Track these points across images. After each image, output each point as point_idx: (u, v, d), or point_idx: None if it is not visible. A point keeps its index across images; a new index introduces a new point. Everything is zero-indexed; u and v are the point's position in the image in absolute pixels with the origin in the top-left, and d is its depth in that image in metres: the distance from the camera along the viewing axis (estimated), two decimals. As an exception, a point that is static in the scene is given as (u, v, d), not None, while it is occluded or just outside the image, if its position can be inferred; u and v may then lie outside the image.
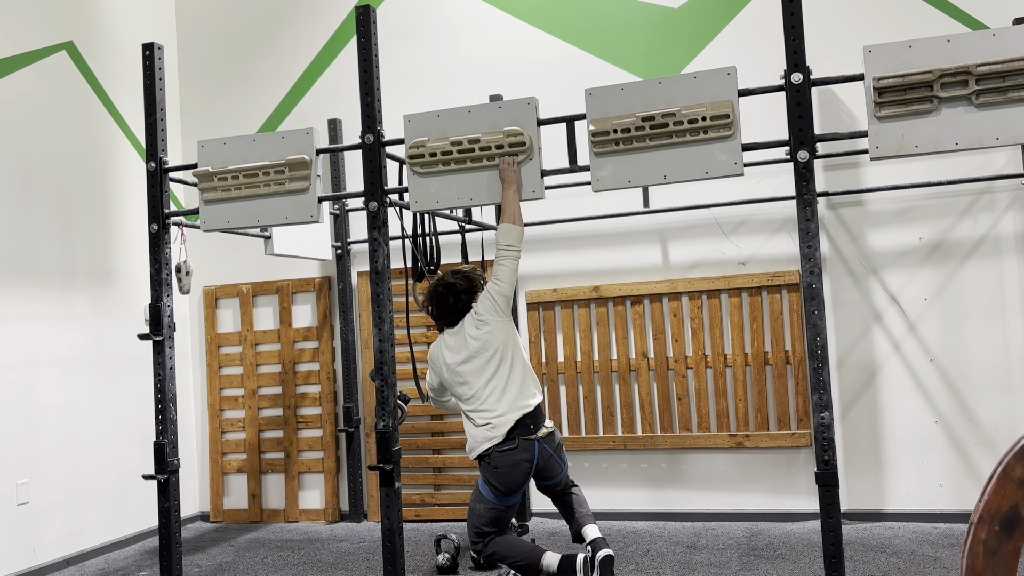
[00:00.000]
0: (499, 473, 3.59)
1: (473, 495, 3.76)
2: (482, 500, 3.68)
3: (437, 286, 3.84)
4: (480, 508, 3.68)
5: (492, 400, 3.62)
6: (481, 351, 3.68)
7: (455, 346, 3.75)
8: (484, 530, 3.69)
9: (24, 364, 4.69)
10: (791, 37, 3.25)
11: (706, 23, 5.14)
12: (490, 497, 3.64)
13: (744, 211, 5.04)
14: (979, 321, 4.68)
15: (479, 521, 3.68)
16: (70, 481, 4.92)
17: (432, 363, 3.85)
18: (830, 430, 3.17)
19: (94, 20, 5.39)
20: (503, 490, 3.62)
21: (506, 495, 3.63)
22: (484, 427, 3.62)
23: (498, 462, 3.59)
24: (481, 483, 3.70)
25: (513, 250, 3.60)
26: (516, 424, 3.61)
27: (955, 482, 4.70)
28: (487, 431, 3.61)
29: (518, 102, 3.53)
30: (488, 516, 3.66)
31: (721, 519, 5.00)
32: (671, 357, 5.11)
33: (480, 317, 3.70)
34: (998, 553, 1.61)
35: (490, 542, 3.68)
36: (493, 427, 3.60)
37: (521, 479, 3.61)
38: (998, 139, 3.07)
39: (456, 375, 3.72)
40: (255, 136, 3.81)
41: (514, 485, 3.61)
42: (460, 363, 3.70)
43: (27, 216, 4.79)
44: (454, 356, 3.74)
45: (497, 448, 3.60)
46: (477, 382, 3.65)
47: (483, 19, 5.53)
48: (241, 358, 5.89)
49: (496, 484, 3.60)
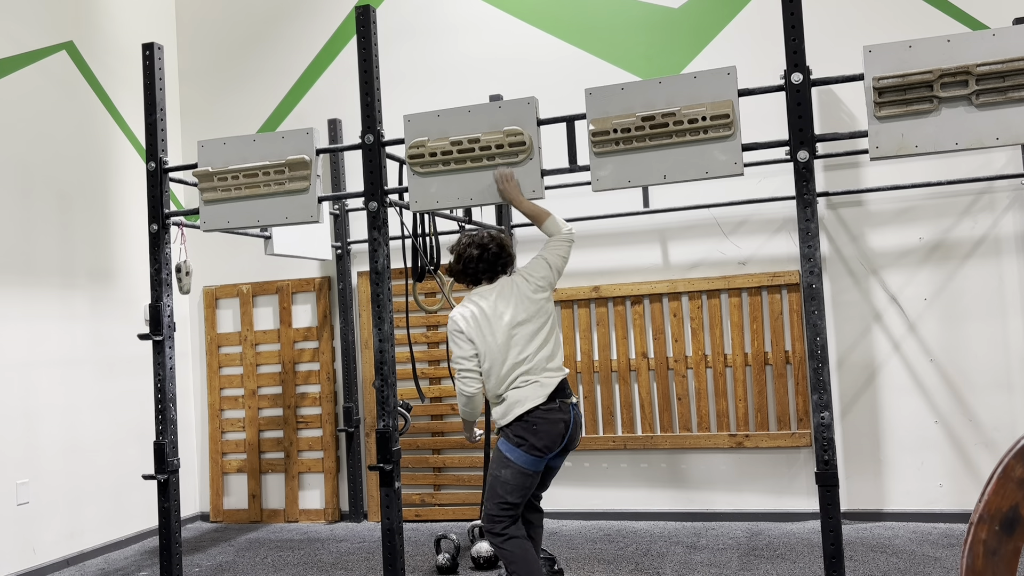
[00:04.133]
0: (538, 431, 3.42)
1: (494, 465, 3.51)
2: (508, 465, 3.44)
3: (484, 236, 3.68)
4: (506, 474, 3.44)
5: (541, 363, 3.49)
6: (537, 315, 3.54)
7: (503, 306, 3.53)
8: (508, 500, 3.44)
9: (24, 364, 4.69)
10: (791, 37, 3.25)
11: (706, 23, 5.14)
12: (519, 460, 3.43)
13: (744, 211, 5.04)
14: (979, 321, 4.68)
15: (504, 489, 3.44)
16: (70, 481, 4.92)
17: (467, 329, 3.52)
18: (830, 430, 3.17)
19: (94, 20, 5.39)
20: (539, 448, 3.42)
21: (540, 455, 3.44)
22: (532, 386, 3.45)
23: (537, 421, 3.42)
24: (507, 448, 3.46)
25: (568, 237, 3.57)
26: (557, 387, 3.49)
27: (955, 482, 4.70)
28: (535, 389, 3.44)
29: (518, 102, 3.53)
30: (514, 483, 3.43)
31: (721, 519, 5.00)
32: (671, 357, 5.11)
33: (540, 283, 3.56)
34: (998, 553, 1.61)
35: (512, 534, 3.45)
36: (542, 385, 3.45)
37: (558, 439, 3.46)
38: (998, 139, 3.07)
39: (509, 335, 3.49)
40: (255, 136, 3.81)
41: (551, 443, 3.44)
42: (517, 324, 3.50)
43: (27, 216, 4.79)
44: (508, 314, 3.51)
45: (541, 406, 3.43)
46: (529, 346, 3.49)
47: (483, 19, 5.53)
48: (241, 358, 5.89)
49: (533, 442, 3.41)
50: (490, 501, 3.47)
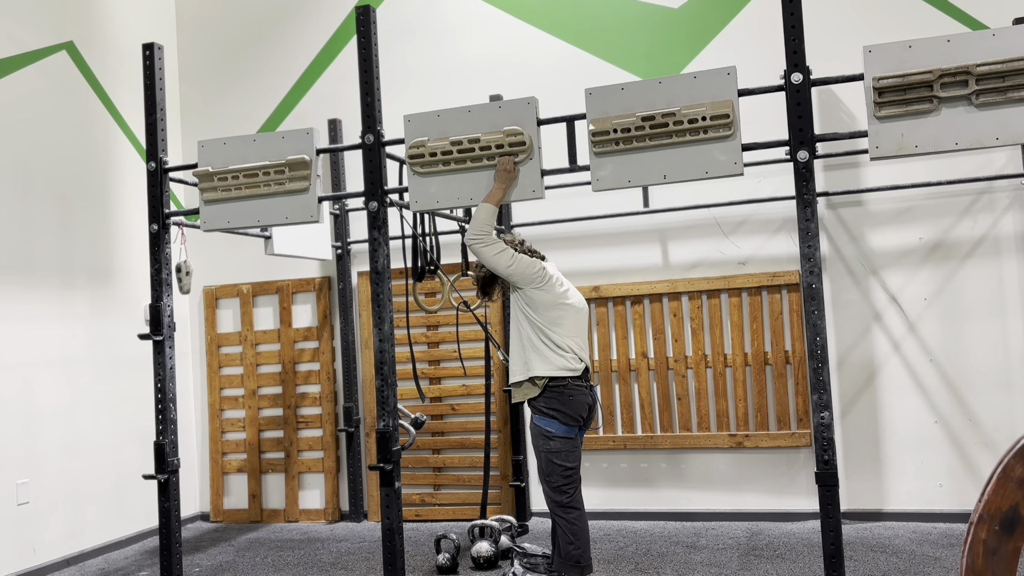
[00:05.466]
0: (573, 401, 3.60)
1: (539, 442, 3.64)
2: (553, 438, 3.59)
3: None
4: (555, 444, 3.59)
5: (577, 344, 3.66)
6: (583, 308, 3.76)
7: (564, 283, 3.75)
8: (569, 466, 3.59)
9: (24, 364, 4.69)
10: (791, 37, 3.26)
11: (706, 23, 5.14)
12: (561, 429, 3.59)
13: (744, 211, 5.04)
14: (979, 321, 4.68)
15: (561, 458, 3.58)
16: (70, 481, 4.92)
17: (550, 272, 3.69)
18: (830, 430, 3.17)
19: (94, 20, 5.39)
20: (574, 418, 3.60)
21: (573, 423, 3.61)
22: (568, 356, 3.61)
23: (574, 391, 3.61)
24: (547, 422, 3.61)
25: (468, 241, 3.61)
26: (585, 370, 3.70)
27: (955, 482, 4.70)
28: (571, 362, 3.61)
29: (518, 102, 3.53)
30: (566, 448, 3.59)
31: (721, 519, 5.00)
32: (671, 357, 5.11)
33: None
34: (998, 553, 1.62)
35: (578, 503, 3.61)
36: (580, 360, 3.65)
37: (585, 413, 3.65)
38: (998, 139, 3.07)
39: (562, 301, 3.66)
40: (255, 136, 3.81)
41: (581, 415, 3.63)
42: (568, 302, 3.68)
43: (27, 216, 4.79)
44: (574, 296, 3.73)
45: (574, 380, 3.62)
46: (570, 323, 3.66)
47: (483, 19, 5.53)
48: (241, 358, 5.89)
49: (568, 412, 3.59)
50: (553, 475, 3.61)
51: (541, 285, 3.61)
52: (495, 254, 3.56)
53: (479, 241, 3.55)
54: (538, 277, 3.61)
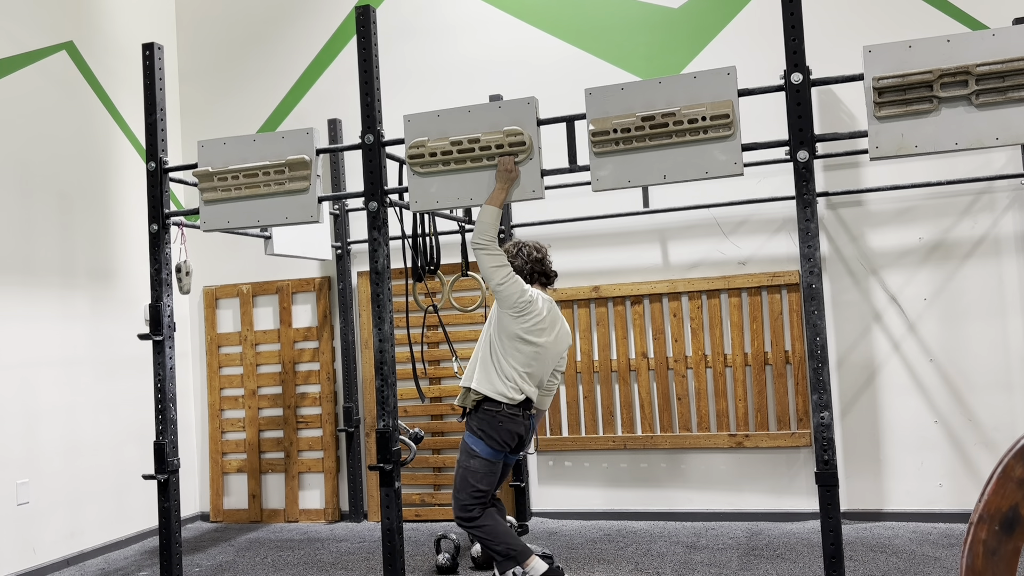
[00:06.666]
0: (503, 428, 3.72)
1: (462, 457, 3.80)
2: (475, 456, 3.75)
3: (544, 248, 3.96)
4: (475, 464, 3.74)
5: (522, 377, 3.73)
6: (553, 349, 3.81)
7: (550, 320, 3.78)
8: (480, 488, 3.73)
9: (24, 364, 4.69)
10: (791, 37, 3.26)
11: (706, 23, 5.14)
12: (486, 452, 3.74)
13: (744, 211, 5.04)
14: (979, 321, 4.68)
15: (475, 478, 3.73)
16: (70, 481, 4.92)
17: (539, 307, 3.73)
18: (830, 430, 3.17)
19: (94, 20, 5.39)
20: (500, 443, 3.73)
21: (499, 449, 3.75)
22: (508, 384, 3.70)
23: (505, 418, 3.72)
24: (474, 440, 3.76)
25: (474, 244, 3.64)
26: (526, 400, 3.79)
27: (955, 482, 4.70)
28: (509, 390, 3.70)
29: (518, 102, 3.53)
30: (483, 470, 3.74)
31: (721, 519, 5.00)
32: (671, 357, 5.11)
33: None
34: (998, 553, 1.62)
35: (485, 519, 3.72)
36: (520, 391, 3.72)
37: (514, 441, 3.78)
38: (998, 139, 3.07)
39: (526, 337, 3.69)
40: (255, 136, 3.81)
41: (509, 443, 3.75)
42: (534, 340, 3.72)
43: (27, 216, 4.79)
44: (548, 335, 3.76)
45: (509, 407, 3.73)
46: (525, 359, 3.71)
47: (483, 19, 5.53)
48: (241, 358, 5.89)
49: (496, 437, 3.72)
50: (463, 492, 3.75)
51: (516, 315, 3.68)
52: (493, 266, 3.62)
53: (483, 248, 3.60)
54: (518, 307, 3.67)
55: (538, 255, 3.91)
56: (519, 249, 3.93)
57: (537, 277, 3.91)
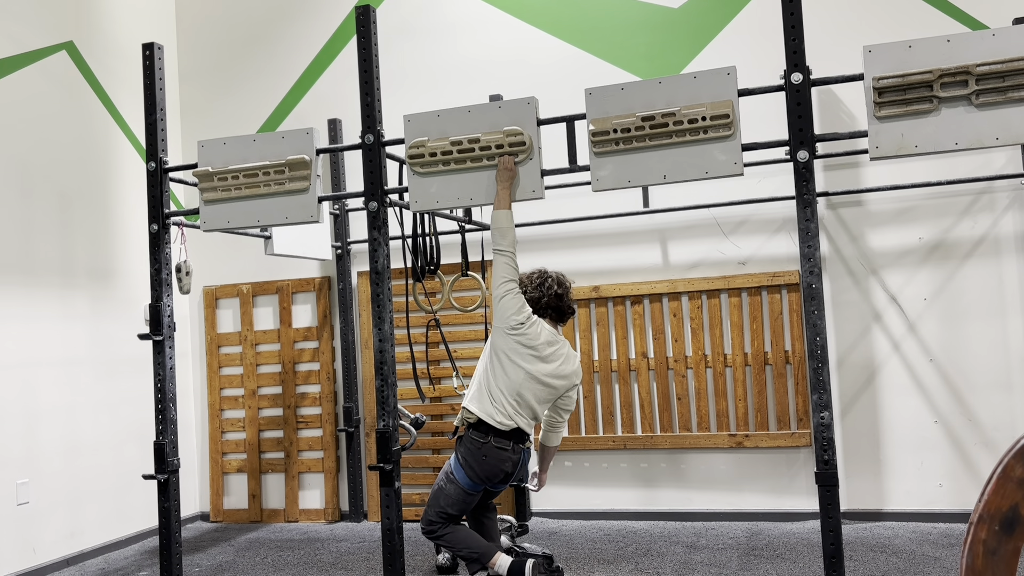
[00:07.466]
0: (487, 462, 3.66)
1: (442, 475, 3.79)
2: (453, 481, 3.73)
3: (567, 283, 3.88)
4: (450, 488, 3.73)
5: (513, 406, 3.66)
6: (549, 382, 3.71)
7: (550, 351, 3.68)
8: (448, 512, 3.73)
9: (24, 364, 4.69)
10: (791, 37, 3.26)
11: (706, 23, 5.14)
12: (464, 482, 3.72)
13: (744, 211, 5.04)
14: (979, 321, 4.68)
15: (446, 501, 3.73)
16: (70, 481, 4.92)
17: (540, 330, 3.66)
18: (830, 430, 3.17)
19: (94, 20, 5.39)
20: (481, 478, 3.70)
21: (478, 483, 3.72)
22: (497, 407, 3.65)
23: (491, 451, 3.66)
24: (456, 466, 3.74)
25: (496, 248, 3.60)
26: (516, 431, 3.72)
27: (955, 482, 4.70)
28: (498, 414, 3.64)
29: (518, 102, 3.53)
30: (456, 497, 3.72)
31: (721, 519, 5.00)
32: (671, 357, 5.11)
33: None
34: (998, 553, 1.62)
35: (448, 529, 3.73)
36: (509, 418, 3.66)
37: (497, 478, 3.73)
38: (998, 139, 3.07)
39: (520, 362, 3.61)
40: (255, 136, 3.81)
41: (490, 478, 3.71)
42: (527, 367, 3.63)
43: (27, 216, 4.79)
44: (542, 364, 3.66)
45: (497, 437, 3.66)
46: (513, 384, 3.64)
47: (483, 19, 5.53)
48: (241, 358, 5.89)
49: (477, 470, 3.68)
50: (431, 507, 3.75)
51: (507, 332, 3.61)
52: (501, 276, 3.59)
53: (500, 252, 3.58)
54: (510, 324, 3.61)
55: (559, 291, 3.81)
56: (543, 280, 3.84)
57: (550, 313, 3.83)
